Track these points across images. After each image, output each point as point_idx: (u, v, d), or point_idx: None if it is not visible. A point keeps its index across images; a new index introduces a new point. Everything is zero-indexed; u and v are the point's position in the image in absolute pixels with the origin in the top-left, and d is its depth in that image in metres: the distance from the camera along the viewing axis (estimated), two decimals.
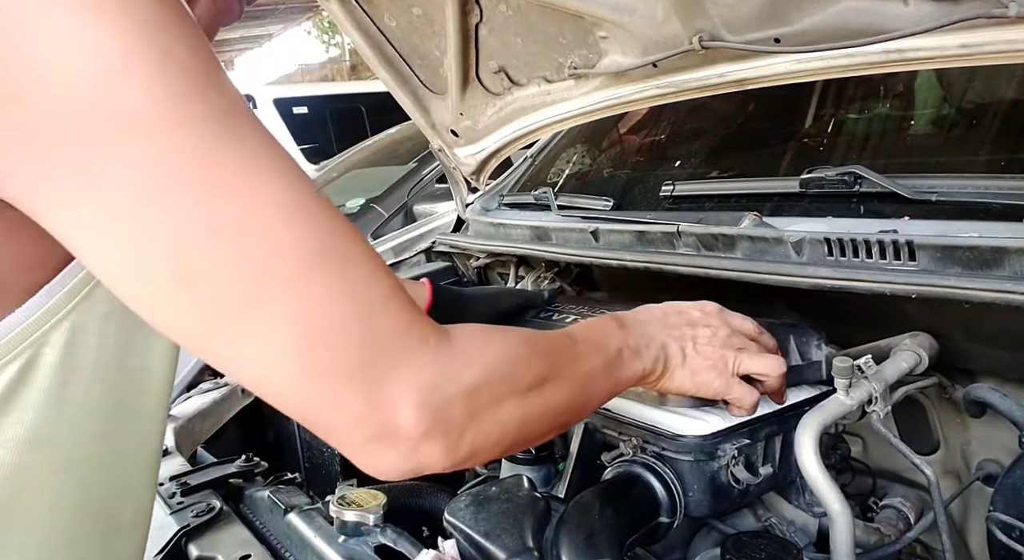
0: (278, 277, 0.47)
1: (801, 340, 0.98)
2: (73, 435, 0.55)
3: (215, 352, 0.50)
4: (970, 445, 1.01)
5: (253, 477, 1.26)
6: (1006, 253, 0.80)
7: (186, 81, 0.45)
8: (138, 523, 0.67)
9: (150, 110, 0.44)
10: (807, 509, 1.00)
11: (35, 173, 0.44)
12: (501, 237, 1.58)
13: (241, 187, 0.46)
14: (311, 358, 0.49)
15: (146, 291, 0.48)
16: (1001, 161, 1.09)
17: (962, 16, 0.75)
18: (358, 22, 1.39)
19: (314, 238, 0.49)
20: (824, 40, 0.88)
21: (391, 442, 0.52)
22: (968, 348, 0.97)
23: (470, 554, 0.85)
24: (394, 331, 0.52)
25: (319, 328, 0.49)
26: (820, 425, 0.81)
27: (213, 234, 0.46)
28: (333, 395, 0.50)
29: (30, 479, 0.53)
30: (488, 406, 0.57)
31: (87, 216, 0.45)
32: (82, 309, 0.53)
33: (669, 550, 0.98)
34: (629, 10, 1.05)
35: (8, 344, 0.50)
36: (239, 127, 0.48)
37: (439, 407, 0.53)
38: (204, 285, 0.46)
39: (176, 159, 0.44)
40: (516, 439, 0.62)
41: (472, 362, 0.57)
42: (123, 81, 0.43)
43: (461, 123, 1.54)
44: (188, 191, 0.45)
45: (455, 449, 0.56)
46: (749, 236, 1.06)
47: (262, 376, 0.50)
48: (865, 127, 1.39)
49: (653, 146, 1.74)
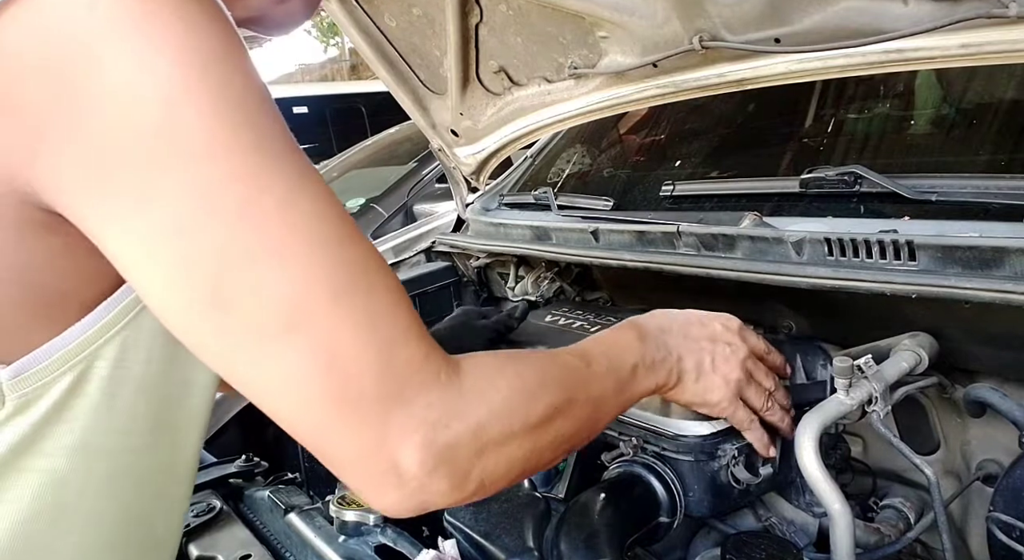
0: (307, 307, 0.49)
1: (807, 359, 0.98)
2: (118, 445, 0.57)
3: (238, 374, 0.51)
4: (970, 445, 1.01)
5: (253, 477, 1.26)
6: (1006, 253, 0.80)
7: (239, 111, 0.48)
8: (172, 535, 0.69)
9: (204, 138, 0.46)
10: (807, 509, 1.00)
11: (89, 192, 0.46)
12: (501, 237, 1.58)
13: (283, 217, 0.48)
14: (327, 386, 0.50)
15: (182, 311, 0.50)
16: (1001, 161, 1.09)
17: (962, 16, 0.75)
18: (358, 22, 1.39)
19: (345, 270, 0.51)
20: (824, 40, 0.88)
21: (396, 481, 0.52)
22: (968, 348, 0.96)
23: (470, 554, 0.85)
24: (410, 365, 0.53)
25: (339, 358, 0.50)
26: (820, 425, 0.81)
27: (252, 261, 0.48)
28: (344, 426, 0.51)
29: (76, 488, 0.55)
30: (496, 443, 0.57)
31: (134, 236, 0.47)
32: (135, 325, 0.55)
33: (669, 550, 0.98)
34: (629, 10, 1.05)
35: (66, 355, 0.52)
36: (283, 155, 0.50)
37: (446, 446, 0.53)
38: (238, 310, 0.48)
39: (224, 187, 0.47)
40: (524, 470, 0.63)
41: (481, 399, 0.57)
42: (181, 109, 0.46)
43: (461, 123, 1.54)
44: (233, 218, 0.47)
45: (461, 487, 0.56)
46: (749, 236, 1.06)
47: (279, 400, 0.51)
48: (865, 127, 1.39)
49: (653, 146, 1.74)
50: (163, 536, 0.66)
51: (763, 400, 0.86)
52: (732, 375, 0.81)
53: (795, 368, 0.97)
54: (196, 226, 0.47)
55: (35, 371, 0.51)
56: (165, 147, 0.46)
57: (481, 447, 0.56)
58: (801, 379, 0.96)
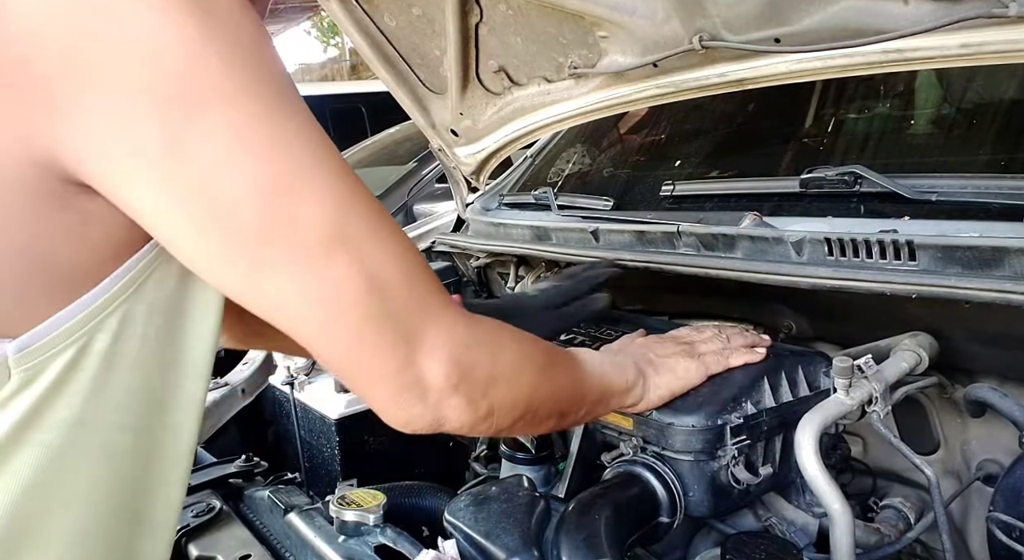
0: (344, 231, 0.54)
1: (809, 369, 0.98)
2: (113, 421, 0.57)
3: (276, 303, 0.55)
4: (970, 445, 1.01)
5: (253, 477, 1.26)
6: (1006, 253, 0.80)
7: (255, 55, 0.51)
8: (167, 521, 0.68)
9: (227, 82, 0.49)
10: (807, 509, 1.00)
11: (113, 148, 0.48)
12: (501, 237, 1.58)
13: (307, 151, 0.53)
14: (368, 305, 0.55)
15: (219, 252, 0.52)
16: (1001, 161, 1.09)
17: (962, 16, 0.75)
18: (358, 22, 1.39)
19: (366, 200, 0.56)
20: (824, 40, 0.88)
21: (420, 394, 0.59)
22: (968, 348, 0.96)
23: (470, 554, 0.85)
24: (434, 290, 0.60)
25: (376, 278, 0.55)
26: (820, 425, 0.81)
27: (289, 191, 0.51)
28: (380, 343, 0.56)
29: (71, 464, 0.55)
30: (507, 372, 0.66)
31: (164, 185, 0.49)
32: (134, 299, 0.56)
33: (669, 550, 0.98)
34: (629, 10, 1.05)
35: (70, 329, 0.53)
36: (295, 98, 0.54)
37: (468, 365, 0.61)
38: (280, 239, 0.52)
39: (251, 126, 0.50)
40: (525, 413, 0.70)
41: (497, 333, 0.67)
42: (203, 59, 0.48)
43: (461, 123, 1.54)
44: (265, 153, 0.51)
45: (476, 406, 0.62)
46: (749, 236, 1.06)
47: (317, 323, 0.55)
48: (865, 127, 1.39)
49: (653, 146, 1.74)
50: (157, 519, 0.66)
51: (721, 343, 0.96)
52: (676, 348, 0.93)
53: (797, 380, 0.97)
54: (231, 165, 0.50)
55: (39, 345, 0.52)
56: (190, 94, 0.48)
57: (495, 375, 0.63)
58: (804, 392, 0.97)
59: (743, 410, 0.90)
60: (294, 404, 1.51)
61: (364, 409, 1.41)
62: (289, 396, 1.51)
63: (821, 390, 0.98)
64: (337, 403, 1.40)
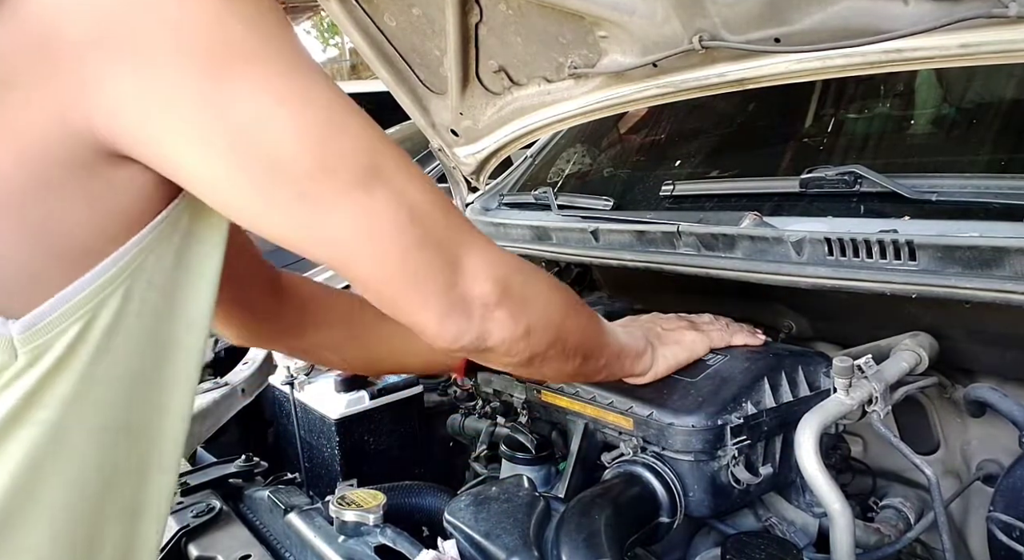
0: (382, 168, 0.58)
1: (809, 369, 0.98)
2: (107, 398, 0.57)
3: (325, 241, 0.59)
4: (970, 445, 1.01)
5: (253, 477, 1.26)
6: (1006, 253, 0.80)
7: (274, 24, 0.55)
8: (157, 508, 0.68)
9: (250, 44, 0.53)
10: (807, 509, 1.00)
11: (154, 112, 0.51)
12: (501, 237, 1.57)
13: (335, 100, 0.57)
14: (414, 232, 0.60)
15: (268, 200, 0.56)
16: (1001, 161, 1.09)
17: (962, 16, 0.75)
18: (358, 22, 1.39)
19: (395, 145, 0.61)
20: (824, 40, 0.88)
21: (467, 310, 0.65)
22: (968, 348, 0.97)
23: (470, 554, 0.85)
24: (463, 219, 0.66)
25: (416, 208, 0.60)
26: (820, 425, 0.81)
27: (328, 136, 0.55)
28: (428, 266, 0.61)
29: (66, 440, 0.55)
30: (542, 293, 0.73)
31: (206, 144, 0.52)
32: (137, 274, 0.57)
33: (669, 550, 0.98)
34: (629, 10, 1.05)
35: (75, 306, 0.53)
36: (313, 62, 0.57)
37: (507, 283, 0.67)
38: (326, 180, 0.56)
39: (283, 81, 0.54)
40: (556, 340, 0.75)
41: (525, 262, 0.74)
42: (228, 25, 0.52)
43: (461, 123, 1.54)
44: (299, 104, 0.54)
45: (517, 321, 0.68)
46: (749, 236, 1.06)
47: (366, 254, 0.60)
48: (865, 127, 1.39)
49: (653, 146, 1.74)
50: (147, 508, 0.66)
51: (722, 323, 1.06)
52: (682, 323, 1.01)
53: (797, 380, 0.97)
54: (270, 115, 0.53)
55: (46, 323, 0.51)
56: (221, 55, 0.51)
57: (531, 295, 0.71)
58: (804, 392, 0.97)
59: (743, 410, 0.90)
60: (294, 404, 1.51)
61: (364, 409, 1.41)
62: (289, 396, 1.51)
63: (821, 390, 0.98)
64: (337, 403, 1.40)
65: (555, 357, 0.77)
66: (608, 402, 0.98)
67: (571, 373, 0.85)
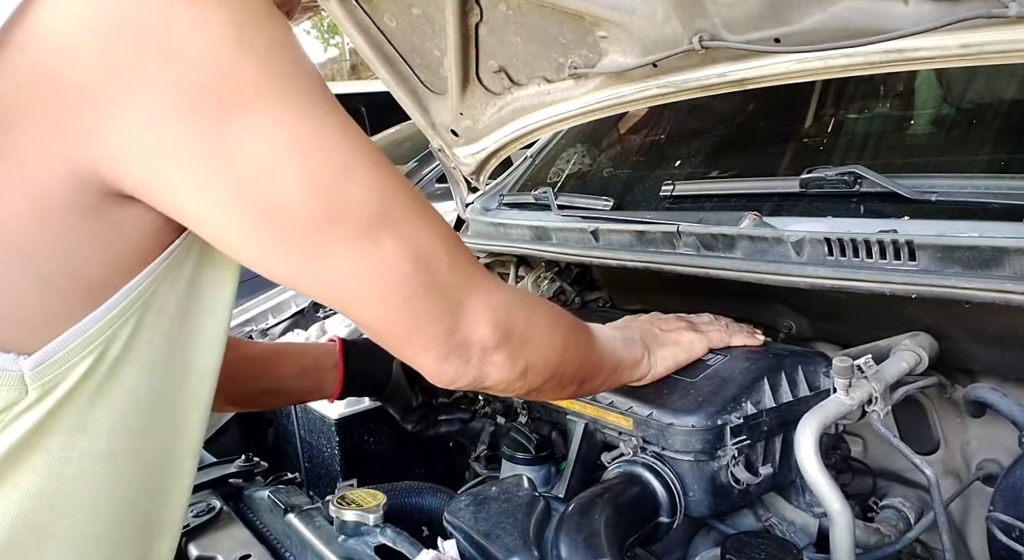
0: (390, 212, 0.58)
1: (809, 369, 0.98)
2: (116, 425, 0.57)
3: (332, 284, 0.58)
4: (970, 445, 1.01)
5: (253, 477, 1.25)
6: (1006, 253, 0.80)
7: (288, 65, 0.53)
8: (171, 525, 0.68)
9: (264, 86, 0.51)
10: (807, 509, 1.00)
11: (159, 155, 0.50)
12: (501, 237, 1.57)
13: (346, 143, 0.56)
14: (418, 279, 0.60)
15: (275, 247, 0.55)
16: (1001, 161, 1.09)
17: (962, 16, 0.75)
18: (358, 22, 1.39)
19: (407, 187, 0.61)
20: (824, 40, 0.88)
21: (466, 355, 0.65)
22: (968, 348, 0.96)
23: (470, 554, 0.85)
24: (470, 261, 0.66)
25: (423, 254, 0.60)
26: (820, 425, 0.81)
27: (338, 181, 0.55)
28: (430, 311, 0.62)
29: (75, 468, 0.55)
30: (540, 334, 0.73)
31: (213, 188, 0.51)
32: (147, 305, 0.57)
33: (669, 550, 0.98)
34: (629, 10, 1.05)
35: (86, 340, 0.53)
36: (327, 95, 0.56)
37: (507, 327, 0.67)
38: (336, 223, 0.55)
39: (295, 124, 0.53)
40: (553, 375, 0.76)
41: (527, 298, 0.76)
42: (241, 67, 0.50)
43: (461, 123, 1.53)
44: (311, 148, 0.53)
45: (515, 364, 0.69)
46: (749, 236, 1.05)
47: (369, 297, 0.59)
48: (865, 127, 1.39)
49: (653, 146, 1.74)
50: (161, 527, 0.66)
51: (722, 323, 1.06)
52: (680, 324, 1.02)
53: (797, 380, 0.97)
54: (278, 162, 0.52)
55: (56, 358, 0.52)
56: (231, 98, 0.50)
57: (530, 336, 0.71)
58: (804, 392, 0.97)
59: (743, 410, 0.90)
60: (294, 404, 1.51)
61: (364, 409, 1.41)
62: None
63: (821, 390, 0.98)
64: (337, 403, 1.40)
65: (552, 388, 0.78)
66: (608, 402, 0.98)
67: (569, 395, 0.86)
